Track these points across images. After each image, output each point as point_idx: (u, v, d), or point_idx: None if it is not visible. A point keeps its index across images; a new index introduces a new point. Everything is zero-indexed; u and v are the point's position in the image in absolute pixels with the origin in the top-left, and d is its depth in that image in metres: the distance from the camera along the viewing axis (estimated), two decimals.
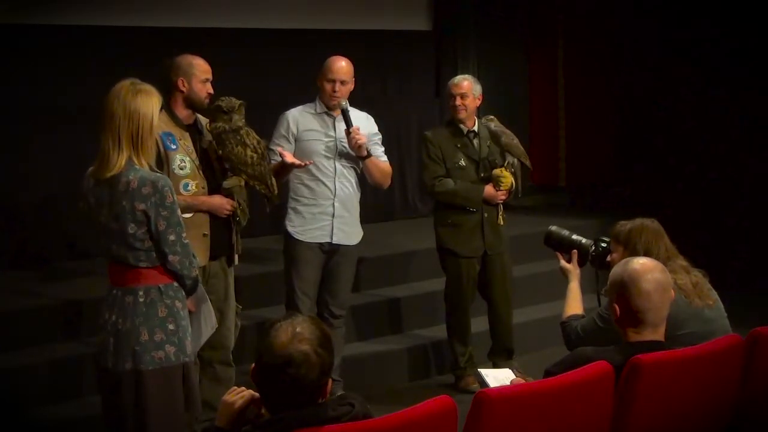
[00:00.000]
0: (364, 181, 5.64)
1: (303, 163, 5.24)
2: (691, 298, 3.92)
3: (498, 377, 3.70)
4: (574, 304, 4.18)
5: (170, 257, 3.79)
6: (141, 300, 3.78)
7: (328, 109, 5.47)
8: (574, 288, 4.24)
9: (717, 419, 3.62)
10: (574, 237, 4.41)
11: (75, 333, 5.60)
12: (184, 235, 3.82)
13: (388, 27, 8.45)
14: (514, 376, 3.71)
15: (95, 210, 3.81)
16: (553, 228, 4.50)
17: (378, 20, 8.36)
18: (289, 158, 5.19)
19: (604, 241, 4.29)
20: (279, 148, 5.27)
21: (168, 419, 3.81)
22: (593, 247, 4.33)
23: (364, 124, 5.54)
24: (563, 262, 4.35)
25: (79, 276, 6.28)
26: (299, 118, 5.45)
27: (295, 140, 5.42)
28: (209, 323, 4.25)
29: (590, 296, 4.25)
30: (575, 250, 4.34)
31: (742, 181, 8.08)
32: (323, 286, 5.53)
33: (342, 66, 5.46)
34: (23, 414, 5.08)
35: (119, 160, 3.73)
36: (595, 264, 4.32)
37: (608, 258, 4.15)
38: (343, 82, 5.43)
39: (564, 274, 4.33)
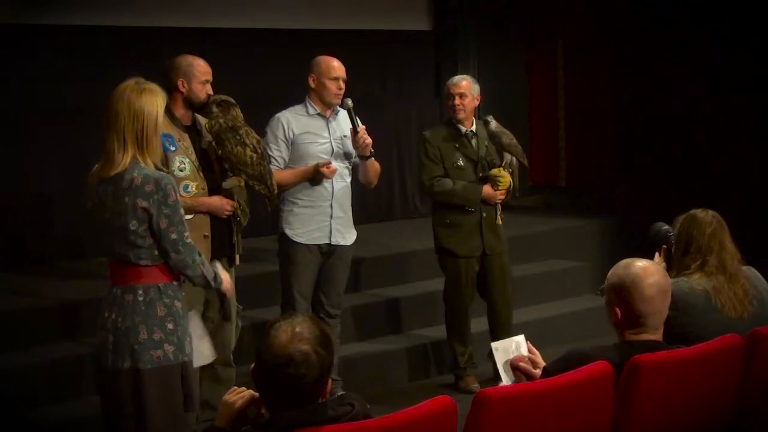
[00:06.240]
0: (355, 180, 5.64)
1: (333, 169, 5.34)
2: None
3: (507, 349, 3.67)
4: None
5: (172, 255, 3.78)
6: (140, 299, 3.78)
7: (322, 110, 5.47)
8: None
9: (717, 419, 3.62)
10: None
11: (75, 333, 5.61)
12: (186, 234, 3.82)
13: (388, 27, 8.45)
14: (524, 345, 3.68)
15: (98, 208, 3.80)
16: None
17: (378, 20, 8.36)
18: (330, 171, 5.31)
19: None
20: (327, 160, 5.35)
21: (167, 418, 3.81)
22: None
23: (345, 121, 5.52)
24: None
25: (79, 276, 6.28)
26: (293, 120, 5.42)
27: (291, 143, 5.41)
28: (202, 358, 4.18)
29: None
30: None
31: (743, 180, 8.07)
32: (319, 287, 5.52)
33: (339, 63, 5.46)
34: (23, 414, 5.08)
35: (124, 159, 3.73)
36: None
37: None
38: (344, 79, 5.43)
39: None
